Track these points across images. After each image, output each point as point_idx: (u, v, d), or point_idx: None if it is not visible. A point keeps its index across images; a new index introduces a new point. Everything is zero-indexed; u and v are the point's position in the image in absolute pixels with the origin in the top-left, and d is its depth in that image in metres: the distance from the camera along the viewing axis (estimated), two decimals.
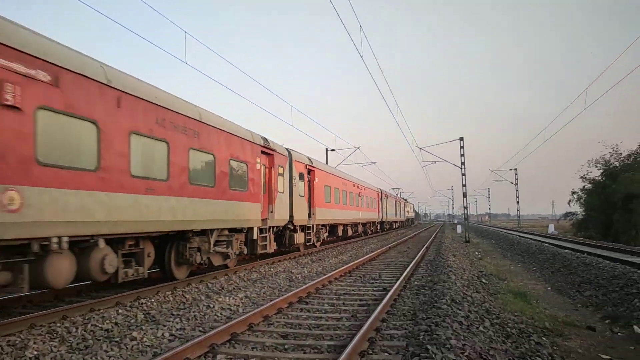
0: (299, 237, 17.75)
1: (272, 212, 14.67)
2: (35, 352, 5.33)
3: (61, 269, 6.91)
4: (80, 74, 7.18)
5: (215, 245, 11.34)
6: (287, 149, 17.02)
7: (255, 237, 13.41)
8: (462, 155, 31.50)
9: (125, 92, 8.21)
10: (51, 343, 5.73)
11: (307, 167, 18.94)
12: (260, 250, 13.97)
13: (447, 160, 33.66)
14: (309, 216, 19.10)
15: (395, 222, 54.85)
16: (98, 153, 7.50)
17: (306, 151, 20.44)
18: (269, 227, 14.44)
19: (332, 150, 34.77)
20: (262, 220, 13.81)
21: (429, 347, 5.21)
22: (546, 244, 24.46)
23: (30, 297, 8.48)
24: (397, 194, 65.33)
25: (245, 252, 13.31)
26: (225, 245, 11.93)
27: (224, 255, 12.08)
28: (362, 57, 13.31)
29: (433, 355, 4.87)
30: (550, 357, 5.79)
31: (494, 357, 5.24)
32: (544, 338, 6.80)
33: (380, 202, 39.36)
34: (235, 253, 12.46)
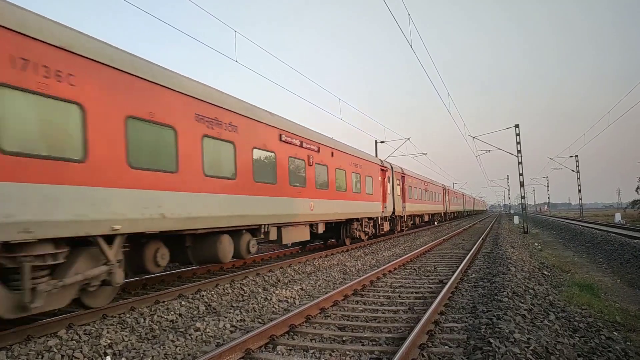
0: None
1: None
2: (109, 341, 5.67)
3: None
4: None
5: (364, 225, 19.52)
6: (390, 163, 24.78)
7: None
8: (518, 143, 30.25)
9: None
10: (122, 333, 6.06)
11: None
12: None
13: (502, 149, 32.44)
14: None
15: (472, 211, 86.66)
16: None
17: (356, 144, 21.94)
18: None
19: (382, 142, 34.41)
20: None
21: (491, 340, 5.06)
22: (613, 234, 23.05)
23: None
24: (471, 193, 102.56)
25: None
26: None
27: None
28: (411, 47, 13.05)
29: (496, 349, 4.74)
30: (623, 353, 5.47)
31: (561, 352, 5.03)
32: (615, 333, 6.43)
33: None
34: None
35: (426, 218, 35.55)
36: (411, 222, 29.56)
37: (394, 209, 23.60)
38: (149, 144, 7.30)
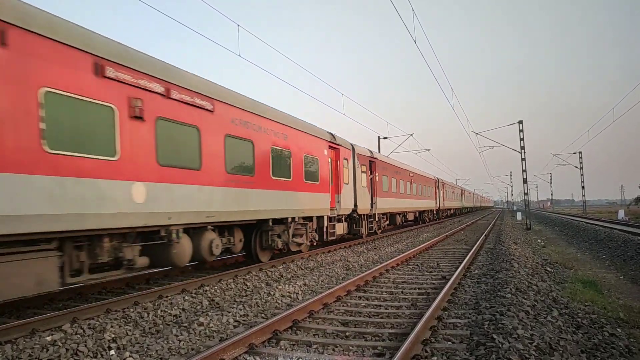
0: None
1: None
2: (113, 335, 5.69)
3: None
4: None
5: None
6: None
7: None
8: (522, 139, 30.18)
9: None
10: (126, 327, 6.09)
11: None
12: None
13: (506, 145, 32.38)
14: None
15: (472, 208, 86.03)
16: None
17: (359, 140, 21.07)
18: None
19: (385, 138, 34.34)
20: None
21: (494, 336, 5.06)
22: (616, 231, 22.99)
23: (104, 284, 9.06)
24: (474, 190, 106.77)
25: None
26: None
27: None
28: (415, 42, 13.00)
29: (500, 345, 4.73)
30: (627, 350, 5.47)
31: (564, 348, 5.02)
32: (618, 329, 6.43)
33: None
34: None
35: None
36: (386, 222, 23.92)
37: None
38: None
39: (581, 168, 52.08)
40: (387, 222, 24.22)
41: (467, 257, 12.36)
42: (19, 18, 5.61)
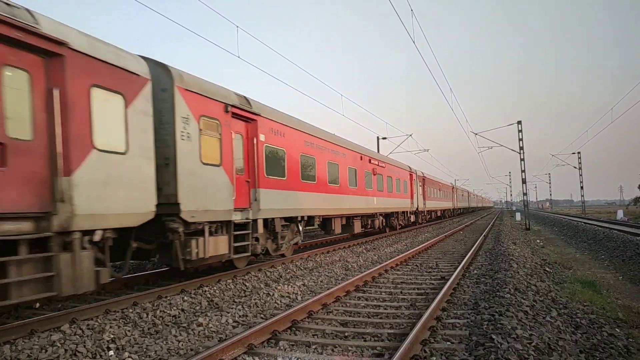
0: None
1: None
2: (112, 336, 5.69)
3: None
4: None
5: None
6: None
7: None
8: (521, 139, 30.20)
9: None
10: (125, 327, 6.08)
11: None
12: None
13: (505, 145, 32.41)
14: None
15: (476, 207, 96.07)
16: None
17: (358, 140, 24.09)
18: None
19: (384, 138, 34.36)
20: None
21: (493, 336, 5.07)
22: (615, 231, 23.02)
23: (103, 285, 9.02)
24: (475, 190, 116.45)
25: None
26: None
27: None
28: (414, 42, 13.02)
29: (499, 345, 4.74)
30: (625, 350, 5.48)
31: (563, 348, 5.03)
32: (617, 329, 6.44)
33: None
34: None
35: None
36: (428, 217, 36.08)
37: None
38: None
39: (580, 168, 52.15)
40: (429, 217, 36.70)
41: (466, 258, 12.37)
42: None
